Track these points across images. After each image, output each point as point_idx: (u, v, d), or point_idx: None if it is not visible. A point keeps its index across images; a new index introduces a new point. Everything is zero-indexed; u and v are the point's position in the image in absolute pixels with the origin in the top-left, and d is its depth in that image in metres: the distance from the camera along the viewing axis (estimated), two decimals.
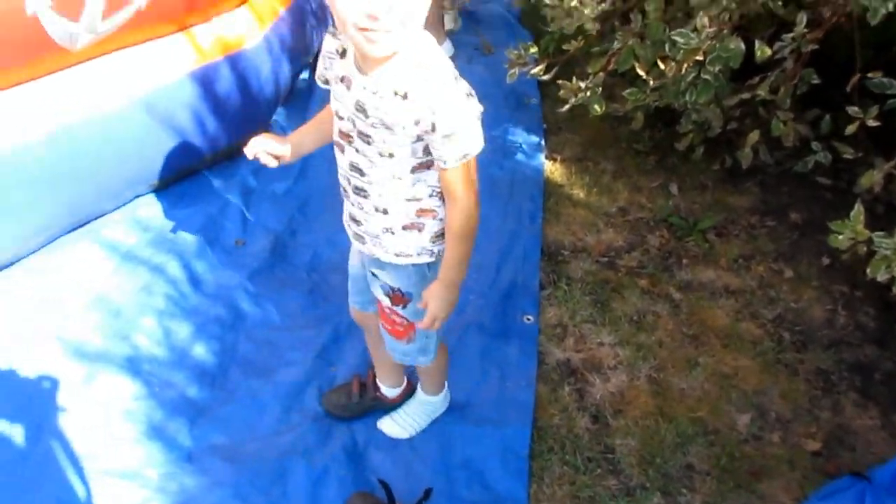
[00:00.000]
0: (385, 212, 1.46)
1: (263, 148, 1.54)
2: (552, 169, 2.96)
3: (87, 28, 2.13)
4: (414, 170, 1.40)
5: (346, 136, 1.43)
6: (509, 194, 2.78)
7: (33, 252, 2.36)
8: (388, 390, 1.98)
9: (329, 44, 1.42)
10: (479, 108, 1.35)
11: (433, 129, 1.30)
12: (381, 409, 2.00)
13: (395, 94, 1.30)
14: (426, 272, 1.55)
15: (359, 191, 1.46)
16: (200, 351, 2.15)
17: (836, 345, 2.27)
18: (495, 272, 2.44)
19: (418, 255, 1.51)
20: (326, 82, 1.47)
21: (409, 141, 1.35)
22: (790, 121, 2.42)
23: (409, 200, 1.45)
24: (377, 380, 1.97)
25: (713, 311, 2.38)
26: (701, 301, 2.41)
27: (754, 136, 2.51)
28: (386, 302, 1.61)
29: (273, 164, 1.56)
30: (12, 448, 1.85)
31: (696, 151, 2.80)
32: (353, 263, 1.72)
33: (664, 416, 2.05)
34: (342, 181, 1.51)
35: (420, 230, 1.48)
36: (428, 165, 1.40)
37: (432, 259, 1.53)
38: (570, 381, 2.13)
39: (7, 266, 2.30)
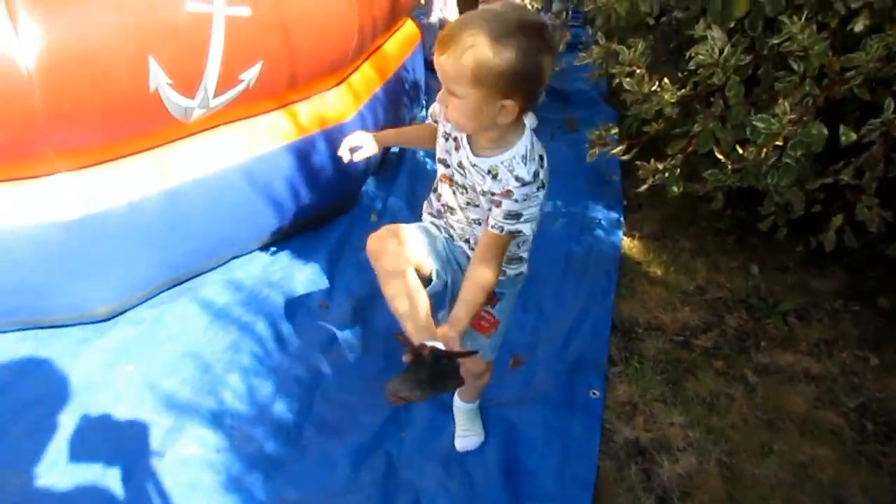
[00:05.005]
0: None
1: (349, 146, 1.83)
2: (630, 245, 2.99)
3: (200, 104, 2.32)
4: None
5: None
6: (584, 269, 2.82)
7: (136, 306, 2.54)
8: None
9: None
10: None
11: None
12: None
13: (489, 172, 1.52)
14: (516, 278, 1.76)
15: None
16: (280, 408, 2.24)
17: None
18: (563, 345, 2.46)
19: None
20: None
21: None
22: (875, 206, 2.39)
23: None
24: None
25: (791, 396, 2.32)
26: (778, 385, 2.36)
27: (838, 220, 2.48)
28: None
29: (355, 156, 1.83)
30: (105, 489, 1.98)
31: (778, 232, 2.75)
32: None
33: (734, 502, 2.00)
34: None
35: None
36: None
37: (523, 268, 1.76)
38: (637, 461, 2.11)
39: (112, 317, 2.48)
